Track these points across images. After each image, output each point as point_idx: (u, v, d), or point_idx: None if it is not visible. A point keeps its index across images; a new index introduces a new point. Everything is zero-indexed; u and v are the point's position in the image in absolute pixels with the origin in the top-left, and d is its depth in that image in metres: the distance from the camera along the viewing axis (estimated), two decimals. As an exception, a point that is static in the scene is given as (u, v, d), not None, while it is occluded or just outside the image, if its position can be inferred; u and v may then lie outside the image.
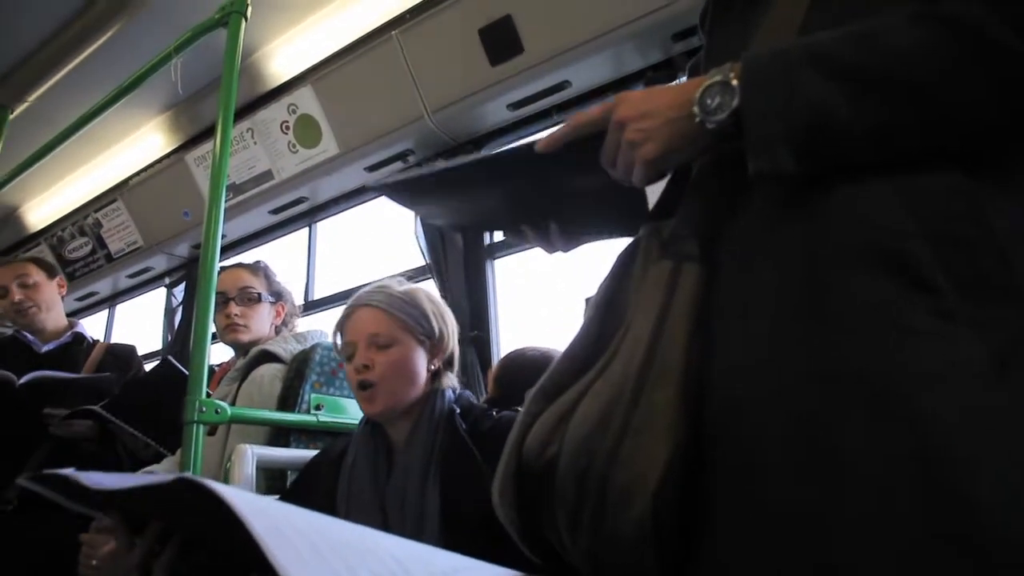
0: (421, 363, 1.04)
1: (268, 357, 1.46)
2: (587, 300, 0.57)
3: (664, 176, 0.58)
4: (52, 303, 1.89)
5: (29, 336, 1.84)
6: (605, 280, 0.57)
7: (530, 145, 0.58)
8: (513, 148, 0.61)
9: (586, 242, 0.79)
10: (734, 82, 0.49)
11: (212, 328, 1.26)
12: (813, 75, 0.46)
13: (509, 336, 2.31)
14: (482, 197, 0.72)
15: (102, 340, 1.99)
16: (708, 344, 0.49)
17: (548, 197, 0.72)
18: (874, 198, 0.45)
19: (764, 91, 0.48)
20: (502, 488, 0.54)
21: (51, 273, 1.93)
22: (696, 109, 0.50)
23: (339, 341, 1.08)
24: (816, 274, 0.46)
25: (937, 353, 0.40)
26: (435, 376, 1.07)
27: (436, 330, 1.07)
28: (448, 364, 1.11)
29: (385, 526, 0.90)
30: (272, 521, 0.44)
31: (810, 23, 0.52)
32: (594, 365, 0.52)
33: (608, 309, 0.55)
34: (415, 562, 0.48)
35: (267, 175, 2.76)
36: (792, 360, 0.45)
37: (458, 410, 1.02)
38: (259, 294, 1.56)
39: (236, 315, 1.52)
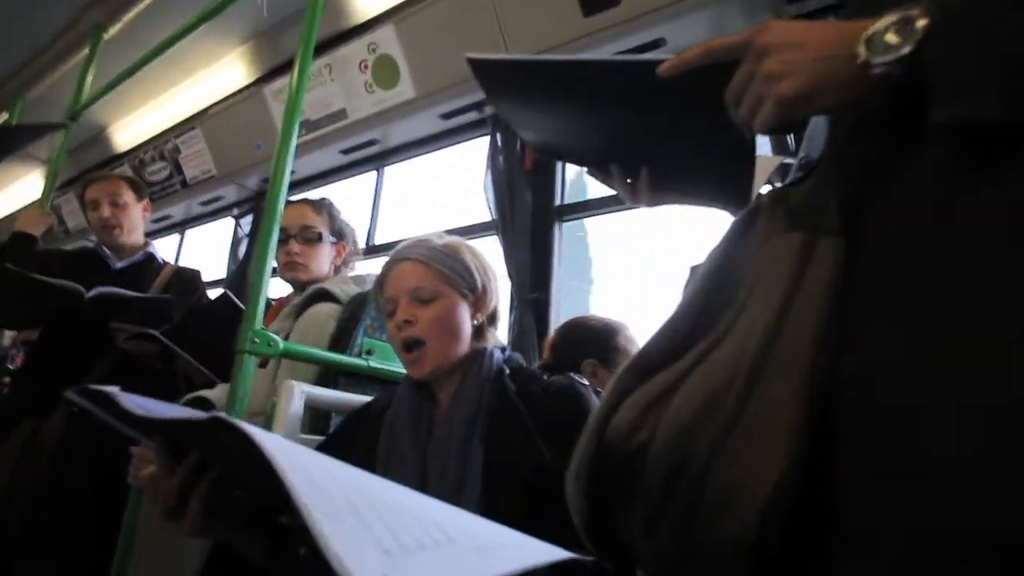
0: (465, 318, 1.00)
1: (325, 296, 1.45)
2: (692, 269, 0.49)
3: (792, 127, 0.50)
4: (135, 225, 1.96)
5: (107, 251, 1.92)
6: (716, 249, 0.49)
7: (653, 63, 0.51)
8: (635, 59, 0.55)
9: (672, 202, 0.73)
10: (919, 22, 0.40)
11: (273, 263, 1.25)
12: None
13: (569, 302, 2.25)
14: (582, 112, 0.66)
15: (171, 263, 2.05)
16: (850, 336, 0.40)
17: (652, 135, 0.65)
18: None
19: (961, 27, 0.38)
20: (577, 472, 0.48)
21: (140, 195, 1.99)
22: (861, 49, 0.41)
23: (380, 298, 1.05)
24: None
25: None
26: (478, 332, 1.03)
27: (479, 284, 1.02)
28: (491, 320, 1.07)
29: (424, 484, 0.87)
30: (311, 478, 0.40)
31: None
32: (697, 345, 0.45)
33: (717, 283, 0.47)
34: (459, 531, 0.45)
35: (341, 114, 2.74)
36: (992, 366, 0.36)
37: (507, 370, 0.98)
38: (320, 233, 1.54)
39: (296, 253, 1.51)
